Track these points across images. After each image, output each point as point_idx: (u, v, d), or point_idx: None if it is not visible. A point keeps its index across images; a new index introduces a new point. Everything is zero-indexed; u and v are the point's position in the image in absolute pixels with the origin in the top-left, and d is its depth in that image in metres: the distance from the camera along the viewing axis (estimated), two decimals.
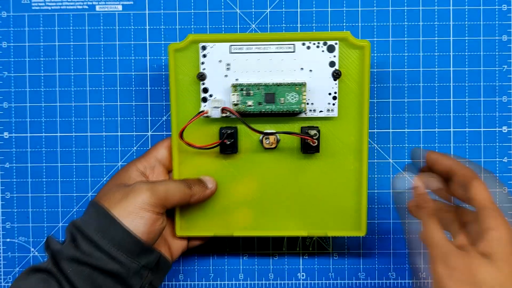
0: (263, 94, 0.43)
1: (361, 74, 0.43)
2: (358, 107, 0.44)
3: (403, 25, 0.49)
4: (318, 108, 0.44)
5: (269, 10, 0.50)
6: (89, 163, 0.50)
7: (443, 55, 0.49)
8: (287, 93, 0.43)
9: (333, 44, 0.43)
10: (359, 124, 0.44)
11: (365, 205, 0.45)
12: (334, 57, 0.43)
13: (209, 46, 0.43)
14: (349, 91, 0.44)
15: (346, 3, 0.49)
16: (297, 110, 0.43)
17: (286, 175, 0.45)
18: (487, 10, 0.49)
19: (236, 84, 0.43)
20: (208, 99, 0.44)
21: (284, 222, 0.46)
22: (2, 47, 0.50)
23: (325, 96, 0.44)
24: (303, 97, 0.43)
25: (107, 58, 0.50)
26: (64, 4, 0.50)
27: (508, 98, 0.50)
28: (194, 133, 0.44)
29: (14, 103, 0.50)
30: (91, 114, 0.50)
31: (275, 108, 0.43)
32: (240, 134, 0.45)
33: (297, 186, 0.45)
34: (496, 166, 0.50)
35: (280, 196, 0.45)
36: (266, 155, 0.45)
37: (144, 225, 0.40)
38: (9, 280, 0.51)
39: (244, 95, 0.43)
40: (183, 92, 0.44)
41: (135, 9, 0.50)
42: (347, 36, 0.43)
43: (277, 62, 0.43)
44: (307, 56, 0.43)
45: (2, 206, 0.51)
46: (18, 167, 0.51)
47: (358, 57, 0.43)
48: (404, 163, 0.50)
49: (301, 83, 0.43)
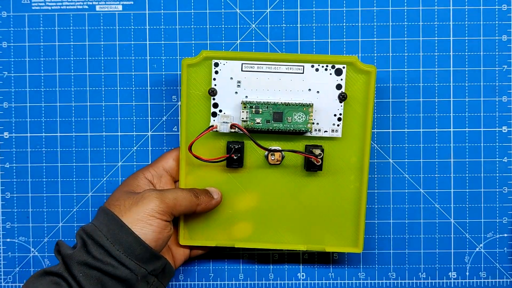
0: (271, 113, 0.44)
1: (366, 97, 0.44)
2: (362, 129, 0.45)
3: (403, 25, 0.49)
4: (323, 128, 0.45)
5: (269, 10, 0.50)
6: (89, 163, 0.50)
7: (443, 55, 0.49)
8: (294, 113, 0.44)
9: (341, 67, 0.44)
10: (361, 145, 0.45)
11: (363, 223, 0.46)
12: (341, 80, 0.44)
13: (221, 63, 0.44)
14: (353, 113, 0.45)
15: (346, 3, 0.49)
16: (303, 130, 0.44)
17: (288, 190, 0.46)
18: (487, 10, 0.49)
19: (246, 102, 0.44)
20: (218, 114, 0.45)
21: (284, 236, 0.47)
22: (2, 47, 0.50)
23: (330, 117, 0.45)
24: (309, 118, 0.44)
25: (107, 58, 0.50)
26: (64, 4, 0.50)
27: (508, 98, 0.50)
28: (202, 145, 0.45)
29: (14, 103, 0.50)
30: (91, 114, 0.50)
31: (282, 127, 0.44)
32: (247, 149, 0.46)
33: (298, 201, 0.46)
34: (496, 166, 0.50)
35: (281, 210, 0.46)
36: (270, 171, 0.46)
37: (152, 232, 0.41)
38: (9, 280, 0.51)
39: (253, 112, 0.44)
40: (193, 106, 0.45)
41: (135, 9, 0.50)
42: (355, 61, 0.44)
43: (286, 82, 0.44)
44: (315, 78, 0.44)
45: (2, 206, 0.51)
46: (18, 167, 0.51)
47: (364, 81, 0.44)
48: (405, 163, 0.50)
49: (308, 104, 0.44)
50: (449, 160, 0.50)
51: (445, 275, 0.50)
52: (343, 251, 0.47)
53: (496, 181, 0.50)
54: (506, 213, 0.50)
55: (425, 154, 0.50)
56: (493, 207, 0.50)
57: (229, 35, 0.50)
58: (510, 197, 0.50)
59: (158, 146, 0.50)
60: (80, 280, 0.39)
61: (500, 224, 0.50)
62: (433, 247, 0.50)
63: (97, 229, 0.40)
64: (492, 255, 0.50)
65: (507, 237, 0.50)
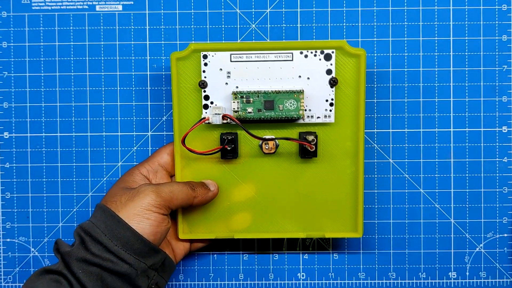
0: (262, 102, 0.44)
1: (357, 81, 0.44)
2: (355, 113, 0.45)
3: (403, 25, 0.49)
4: (315, 114, 0.45)
5: (269, 10, 0.50)
6: (89, 163, 0.50)
7: (443, 55, 0.49)
8: (285, 100, 0.44)
9: (330, 52, 0.44)
10: (355, 129, 0.45)
11: (362, 208, 0.46)
12: (331, 65, 0.44)
13: (210, 55, 0.44)
14: (345, 97, 0.45)
15: (346, 3, 0.49)
16: (295, 117, 0.44)
17: (285, 179, 0.46)
18: (487, 10, 0.49)
19: (237, 92, 0.44)
20: (209, 106, 0.45)
21: (283, 224, 0.47)
22: (2, 47, 0.50)
23: (322, 103, 0.45)
24: (301, 104, 0.44)
25: (107, 58, 0.50)
26: (64, 4, 0.50)
27: (508, 98, 0.50)
28: (196, 139, 0.45)
29: (14, 103, 0.50)
30: (91, 114, 0.50)
31: (274, 115, 0.44)
32: (240, 139, 0.46)
33: (295, 189, 0.46)
34: (496, 166, 0.50)
35: (279, 199, 0.46)
36: (265, 160, 0.46)
37: (150, 226, 0.41)
38: (9, 280, 0.51)
39: (244, 102, 0.44)
40: (185, 99, 0.45)
41: (135, 9, 0.50)
42: (343, 45, 0.44)
43: (275, 70, 0.44)
44: (305, 64, 0.44)
45: (2, 206, 0.51)
46: (18, 167, 0.51)
47: (354, 65, 0.44)
48: (405, 163, 0.50)
49: (299, 91, 0.44)
50: (449, 160, 0.50)
51: (445, 275, 0.50)
52: (343, 236, 0.47)
53: (496, 181, 0.50)
54: (506, 213, 0.50)
55: (425, 154, 0.50)
56: (493, 207, 0.50)
57: (229, 35, 0.50)
58: (510, 197, 0.50)
59: (158, 146, 0.50)
60: (79, 276, 0.39)
61: (500, 224, 0.50)
62: (433, 247, 0.50)
63: (94, 225, 0.40)
64: (492, 255, 0.50)
65: (507, 237, 0.50)
